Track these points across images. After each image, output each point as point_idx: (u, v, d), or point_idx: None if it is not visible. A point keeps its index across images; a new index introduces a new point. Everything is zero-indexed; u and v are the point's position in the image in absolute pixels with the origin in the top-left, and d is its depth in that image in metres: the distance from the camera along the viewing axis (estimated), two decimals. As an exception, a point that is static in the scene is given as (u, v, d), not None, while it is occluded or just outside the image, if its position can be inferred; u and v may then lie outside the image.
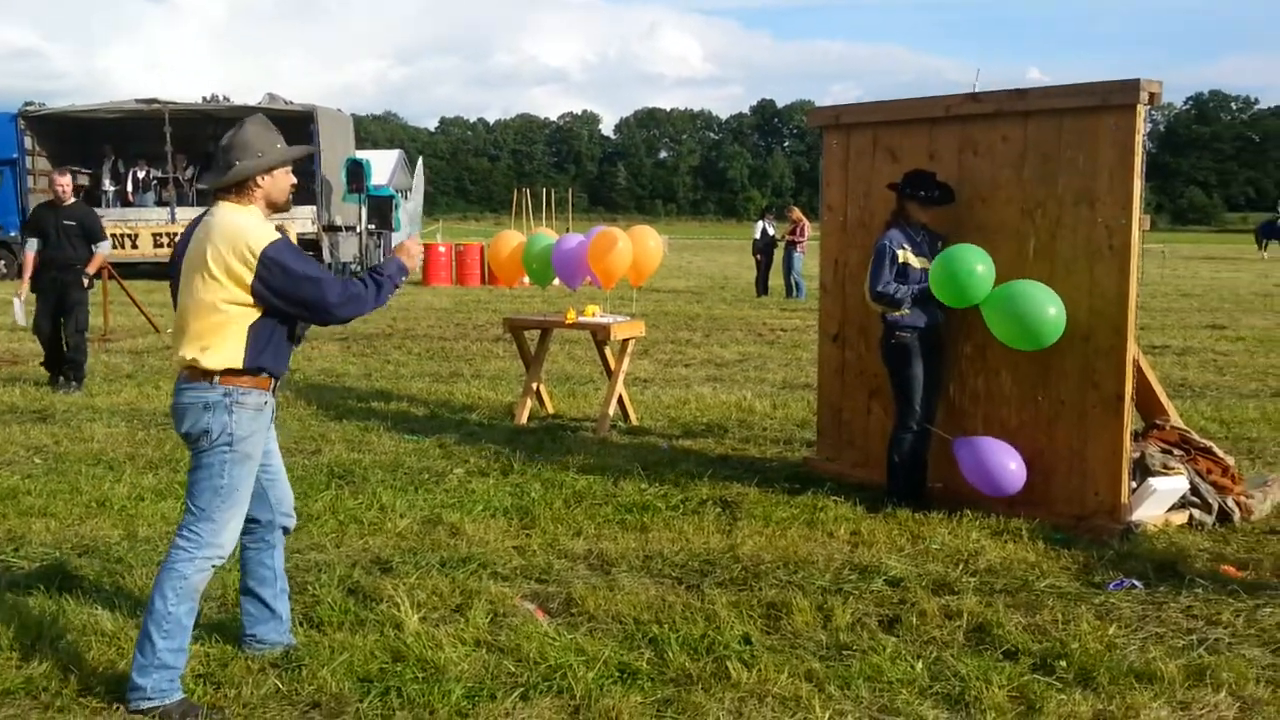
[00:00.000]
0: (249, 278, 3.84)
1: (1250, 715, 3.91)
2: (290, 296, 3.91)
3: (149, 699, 3.87)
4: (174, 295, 4.06)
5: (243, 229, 3.88)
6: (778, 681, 4.12)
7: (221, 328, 3.89)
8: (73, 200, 10.69)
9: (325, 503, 6.53)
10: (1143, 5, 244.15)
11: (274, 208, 4.10)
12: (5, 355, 12.57)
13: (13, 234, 11.03)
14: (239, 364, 3.92)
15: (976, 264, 6.09)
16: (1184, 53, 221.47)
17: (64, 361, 10.65)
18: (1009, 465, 6.17)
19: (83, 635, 4.46)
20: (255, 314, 3.92)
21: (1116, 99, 5.91)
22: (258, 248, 3.84)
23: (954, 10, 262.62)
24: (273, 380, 4.06)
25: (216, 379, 3.92)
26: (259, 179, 4.01)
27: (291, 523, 4.41)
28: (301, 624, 4.61)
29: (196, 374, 3.94)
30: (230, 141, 3.99)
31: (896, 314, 6.46)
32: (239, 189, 4.00)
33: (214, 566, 4.02)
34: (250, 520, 4.17)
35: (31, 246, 10.52)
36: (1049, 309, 5.94)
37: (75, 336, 10.58)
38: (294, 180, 4.15)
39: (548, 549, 5.76)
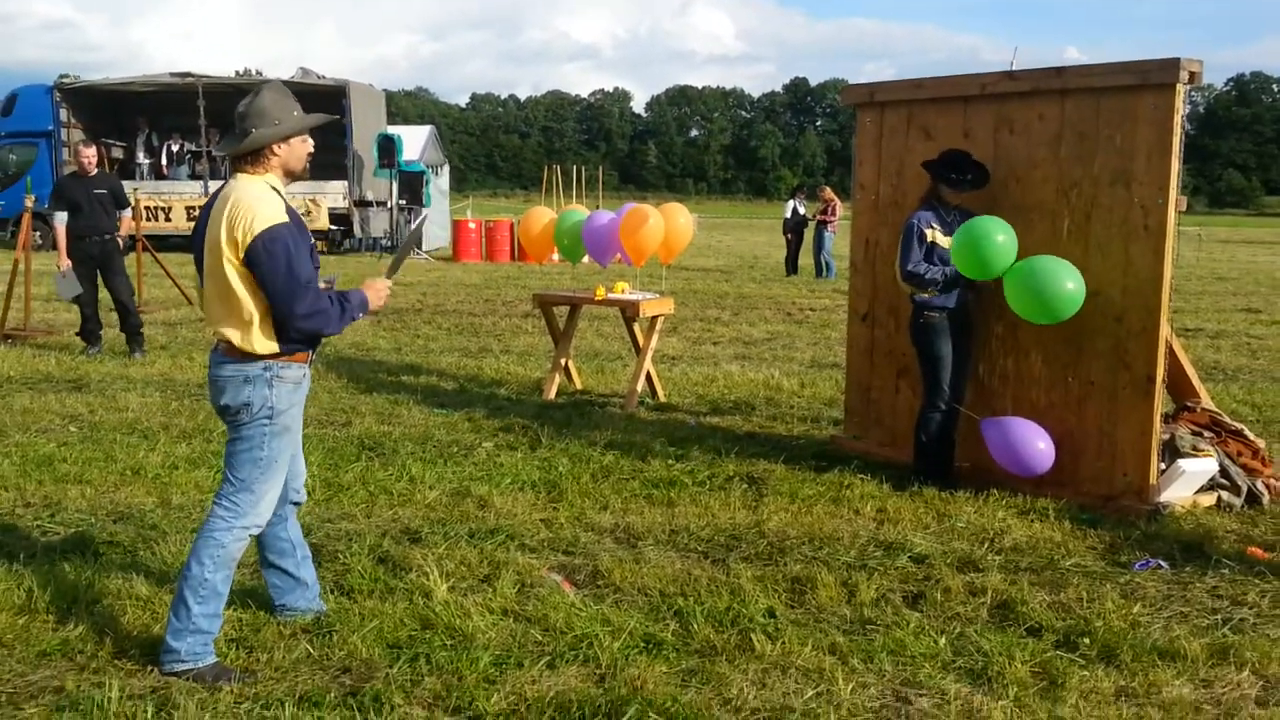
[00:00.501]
0: (242, 253, 3.82)
1: (1273, 693, 3.91)
2: (264, 283, 3.83)
3: (183, 661, 3.93)
4: (198, 268, 4.06)
5: (252, 207, 3.83)
6: (801, 654, 4.15)
7: (252, 309, 3.88)
8: (97, 170, 10.88)
9: (356, 474, 6.61)
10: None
11: (291, 176, 4.07)
12: (40, 325, 12.74)
13: (47, 206, 11.24)
14: (276, 348, 3.94)
15: (997, 234, 6.02)
16: (1226, 33, 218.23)
17: (124, 331, 10.94)
18: (1038, 445, 6.16)
19: (118, 599, 4.54)
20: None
21: (1156, 78, 5.85)
22: (258, 228, 3.79)
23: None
24: (309, 353, 4.09)
25: (257, 354, 3.95)
26: (275, 147, 3.96)
27: (301, 498, 4.42)
28: (332, 591, 4.68)
29: (235, 349, 3.95)
30: (246, 109, 3.95)
31: (925, 294, 6.44)
32: (255, 157, 3.96)
33: (250, 535, 4.07)
34: None
35: (61, 219, 10.65)
36: (1067, 283, 5.87)
37: (128, 300, 10.89)
38: (311, 149, 4.11)
39: (575, 522, 5.80)
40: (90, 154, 10.80)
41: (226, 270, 3.86)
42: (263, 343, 3.92)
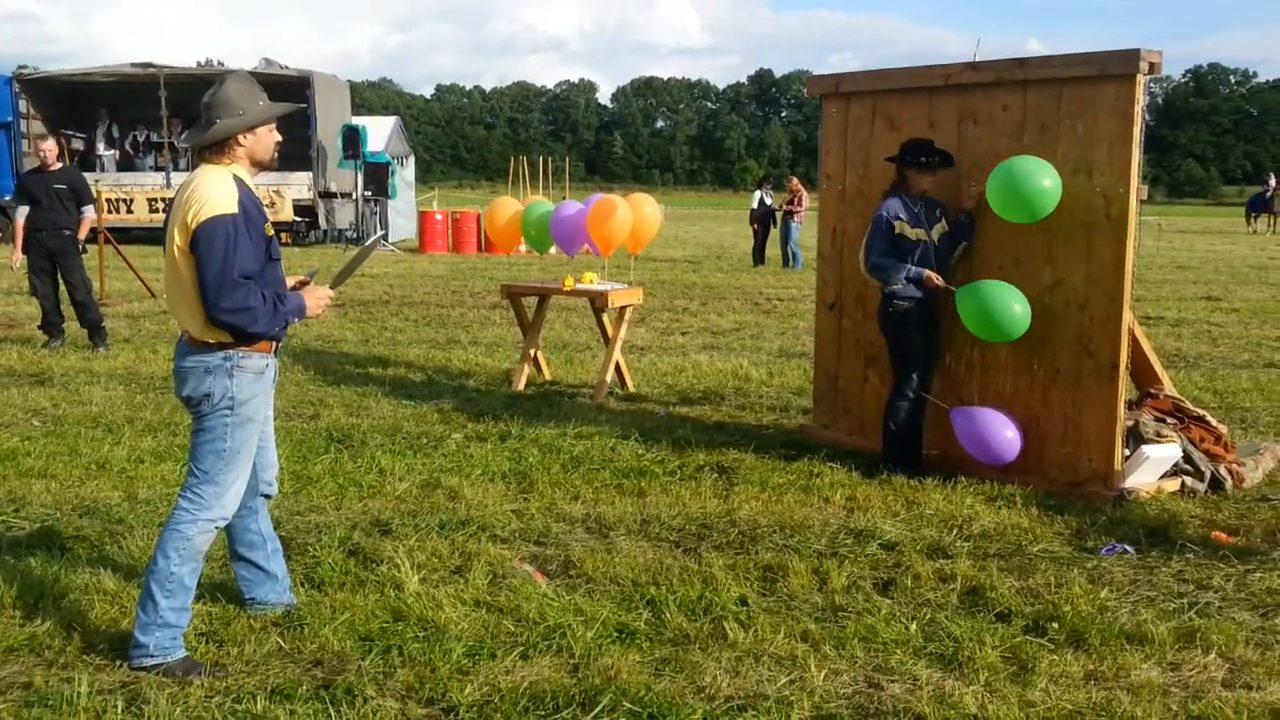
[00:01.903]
0: (187, 239, 3.80)
1: (1239, 676, 3.97)
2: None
3: (151, 656, 3.90)
4: None
5: (205, 195, 3.81)
6: (774, 642, 4.18)
7: (197, 299, 3.84)
8: (59, 165, 10.74)
9: (324, 466, 6.57)
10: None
11: (259, 166, 4.05)
12: (1, 319, 12.56)
13: (7, 198, 11.09)
14: (227, 337, 3.90)
15: (1013, 304, 6.10)
16: (1184, 25, 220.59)
17: (83, 327, 10.82)
18: (1005, 434, 6.21)
19: (85, 594, 4.49)
20: None
21: (1116, 69, 5.91)
22: (203, 216, 3.77)
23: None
24: (273, 344, 4.06)
25: (216, 344, 3.92)
26: (241, 137, 3.94)
27: (273, 491, 4.39)
28: (302, 584, 4.65)
29: (196, 340, 3.94)
30: (211, 99, 3.92)
31: (893, 287, 6.49)
32: (220, 148, 3.93)
33: (216, 528, 4.04)
34: None
35: (22, 213, 10.55)
36: (1014, 305, 6.06)
37: (85, 297, 10.73)
38: (279, 138, 4.08)
39: (546, 512, 5.80)
40: (49, 147, 10.66)
41: (179, 258, 3.85)
42: (218, 331, 3.89)
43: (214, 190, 3.84)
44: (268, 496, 4.38)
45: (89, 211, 10.86)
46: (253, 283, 3.85)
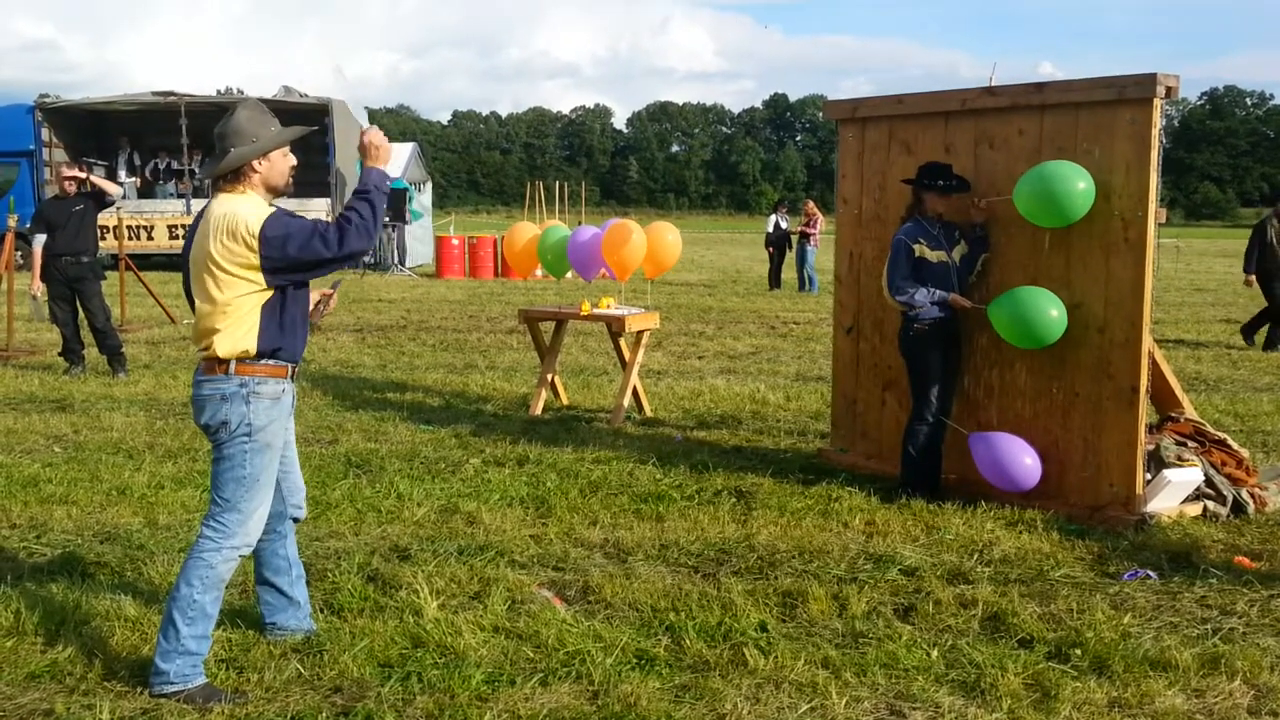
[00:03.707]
0: (256, 259, 3.84)
1: (1264, 703, 3.93)
2: (300, 263, 3.88)
3: (172, 683, 3.91)
4: (186, 288, 4.09)
5: (236, 217, 3.86)
6: (794, 668, 4.15)
7: (230, 314, 3.90)
8: (76, 189, 10.84)
9: (343, 491, 6.59)
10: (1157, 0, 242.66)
11: (274, 192, 4.08)
12: (23, 345, 12.66)
13: (29, 226, 11.26)
14: (252, 348, 3.93)
15: (1050, 309, 6.10)
16: (1199, 47, 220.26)
17: (103, 354, 10.88)
18: (1024, 461, 6.19)
19: (106, 621, 4.51)
20: (262, 298, 3.92)
21: (1133, 93, 5.91)
22: (256, 228, 3.83)
23: (964, 5, 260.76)
24: (289, 367, 4.08)
25: (233, 370, 3.94)
26: (255, 164, 3.98)
27: (302, 514, 4.42)
28: (322, 610, 4.66)
29: (213, 366, 3.96)
30: (224, 129, 3.97)
31: (915, 310, 6.49)
32: (236, 176, 3.98)
33: (241, 556, 4.05)
34: None
35: (39, 241, 10.62)
36: (1050, 310, 6.06)
37: (104, 324, 10.79)
38: (294, 162, 4.12)
39: (564, 538, 5.80)
40: (74, 175, 10.77)
41: (214, 278, 3.88)
42: (241, 343, 3.92)
43: (244, 208, 3.91)
44: (297, 520, 4.41)
45: (115, 190, 10.86)
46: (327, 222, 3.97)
